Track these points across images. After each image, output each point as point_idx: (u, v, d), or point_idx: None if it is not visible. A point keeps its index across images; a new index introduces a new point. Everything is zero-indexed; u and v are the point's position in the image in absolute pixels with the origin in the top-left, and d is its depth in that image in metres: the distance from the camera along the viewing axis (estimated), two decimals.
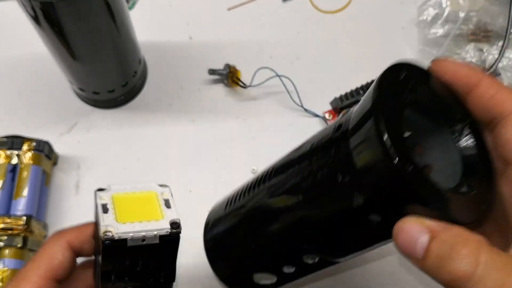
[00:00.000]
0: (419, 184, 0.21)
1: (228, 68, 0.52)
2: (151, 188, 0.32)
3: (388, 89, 0.24)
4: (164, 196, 0.31)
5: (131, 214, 0.28)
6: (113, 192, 0.30)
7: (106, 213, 0.28)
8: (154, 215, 0.29)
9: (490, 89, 0.24)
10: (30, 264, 0.29)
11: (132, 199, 0.30)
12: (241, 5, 0.58)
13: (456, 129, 0.26)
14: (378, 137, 0.22)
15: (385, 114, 0.22)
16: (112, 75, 0.48)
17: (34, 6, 0.36)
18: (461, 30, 0.55)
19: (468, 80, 0.25)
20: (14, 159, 0.45)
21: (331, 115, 0.52)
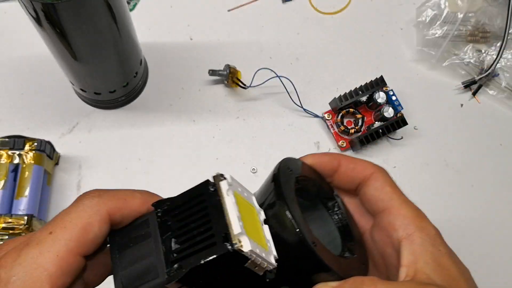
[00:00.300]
0: (323, 255, 0.26)
1: (228, 68, 0.52)
2: (253, 202, 0.27)
3: (283, 183, 0.28)
4: (261, 219, 0.26)
5: (250, 230, 0.24)
6: (234, 189, 0.25)
7: (237, 215, 0.23)
8: (261, 241, 0.25)
9: (349, 164, 0.31)
10: (59, 231, 0.23)
11: (246, 208, 0.25)
12: (241, 6, 0.58)
13: (329, 206, 0.32)
14: (291, 225, 0.25)
15: (287, 202, 0.26)
16: (113, 75, 0.48)
17: (36, 7, 0.36)
18: (460, 31, 0.55)
19: (331, 165, 0.31)
20: (16, 159, 0.45)
21: (330, 115, 0.53)
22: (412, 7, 0.58)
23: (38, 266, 0.22)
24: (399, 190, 0.30)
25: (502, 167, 0.53)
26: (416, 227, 0.27)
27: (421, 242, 0.26)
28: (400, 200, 0.29)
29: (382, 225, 0.29)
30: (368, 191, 0.30)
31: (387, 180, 0.30)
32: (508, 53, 0.55)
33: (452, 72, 0.56)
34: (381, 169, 0.31)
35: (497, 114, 0.55)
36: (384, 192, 0.29)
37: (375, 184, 0.30)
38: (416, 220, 0.28)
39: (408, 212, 0.28)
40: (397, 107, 0.51)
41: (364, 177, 0.30)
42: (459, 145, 0.53)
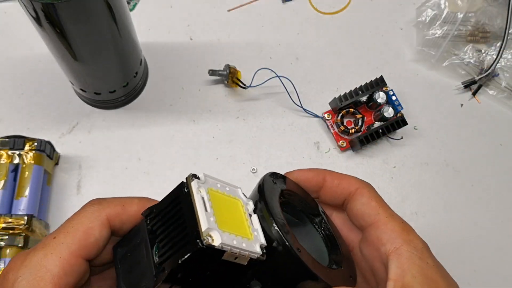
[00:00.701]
0: (309, 262, 0.26)
1: (228, 68, 0.52)
2: (237, 194, 0.29)
3: (268, 193, 0.29)
4: (249, 210, 0.28)
5: (227, 222, 0.25)
6: (209, 186, 0.27)
7: (207, 211, 0.24)
8: (244, 231, 0.26)
9: (334, 180, 0.32)
10: (62, 235, 0.25)
11: (225, 202, 0.27)
12: (241, 6, 0.58)
13: (316, 221, 0.33)
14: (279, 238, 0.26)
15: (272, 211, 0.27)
16: (113, 75, 0.48)
17: (36, 7, 0.36)
18: (460, 31, 0.55)
19: (316, 181, 0.32)
20: (16, 159, 0.45)
21: (330, 115, 0.53)
22: (412, 7, 0.58)
23: (42, 267, 0.23)
24: (385, 204, 0.30)
25: (502, 167, 0.53)
26: (403, 240, 0.27)
27: (408, 256, 0.27)
28: (387, 214, 0.29)
29: (370, 240, 0.29)
30: (355, 206, 0.31)
31: (373, 194, 0.31)
32: (508, 53, 0.55)
33: (452, 72, 0.56)
34: (367, 184, 0.31)
35: (497, 114, 0.55)
36: (370, 207, 0.30)
37: (361, 200, 0.30)
38: (403, 233, 0.28)
39: (395, 225, 0.28)
40: (397, 107, 0.51)
41: (350, 192, 0.31)
42: (459, 145, 0.53)
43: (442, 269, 0.27)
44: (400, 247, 0.27)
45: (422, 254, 0.27)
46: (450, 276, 0.27)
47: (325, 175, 0.32)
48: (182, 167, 0.50)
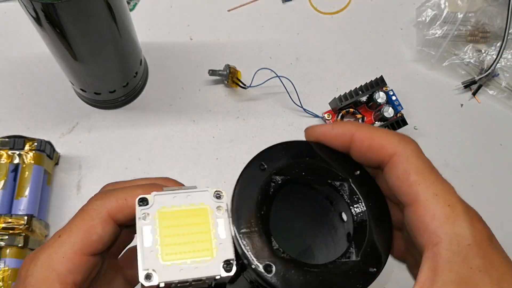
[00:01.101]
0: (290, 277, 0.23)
1: (228, 68, 0.52)
2: (204, 199, 0.26)
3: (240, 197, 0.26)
4: (219, 214, 0.25)
5: (179, 245, 0.23)
6: (159, 207, 0.24)
7: (148, 246, 0.23)
8: (206, 247, 0.24)
9: (364, 140, 0.25)
10: (66, 235, 0.25)
11: (181, 218, 0.24)
12: (241, 6, 0.58)
13: (335, 197, 0.27)
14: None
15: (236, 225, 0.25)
16: (113, 75, 0.48)
17: (36, 7, 0.36)
18: (460, 31, 0.55)
19: (343, 139, 0.26)
20: (16, 159, 0.45)
21: (330, 115, 0.53)
22: (412, 7, 0.58)
23: (48, 266, 0.24)
24: (429, 177, 0.23)
25: (502, 167, 0.53)
26: (445, 234, 0.21)
27: (447, 257, 0.21)
28: (428, 194, 0.23)
29: (408, 224, 0.23)
30: (389, 178, 0.24)
31: (412, 164, 0.24)
32: (508, 53, 0.55)
33: (452, 72, 0.56)
34: (406, 147, 0.24)
35: (497, 114, 0.55)
36: (407, 184, 0.23)
37: (396, 172, 0.24)
38: (446, 223, 0.22)
39: (438, 211, 0.22)
40: (397, 107, 0.51)
41: (383, 159, 0.24)
42: (459, 145, 0.53)
43: (493, 271, 0.21)
44: (438, 243, 0.21)
45: (467, 254, 0.21)
46: (502, 282, 0.21)
47: (353, 133, 0.25)
48: (182, 167, 0.50)
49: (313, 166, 0.26)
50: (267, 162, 0.26)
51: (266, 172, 0.26)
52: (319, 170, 0.26)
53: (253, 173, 0.26)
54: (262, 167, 0.26)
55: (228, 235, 0.24)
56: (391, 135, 0.25)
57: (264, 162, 0.26)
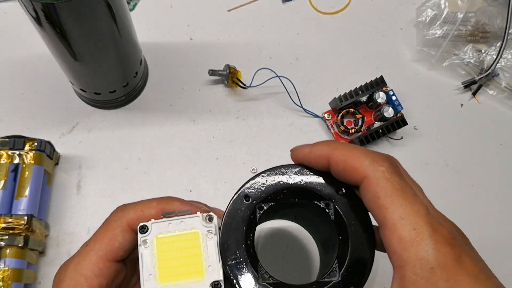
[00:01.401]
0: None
1: (228, 68, 0.52)
2: (195, 224, 0.29)
3: (228, 228, 0.28)
4: (209, 237, 0.28)
5: (174, 268, 0.27)
6: (156, 233, 0.28)
7: (148, 269, 0.27)
8: (197, 270, 0.27)
9: (339, 163, 0.26)
10: (92, 243, 0.29)
11: (176, 243, 0.28)
12: (241, 6, 0.58)
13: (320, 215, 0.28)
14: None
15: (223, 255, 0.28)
16: (113, 75, 0.48)
17: (36, 7, 0.36)
18: (460, 31, 0.55)
19: (321, 161, 0.27)
20: (16, 159, 0.45)
21: (330, 115, 0.53)
22: (412, 7, 0.58)
23: (77, 272, 0.28)
24: (398, 199, 0.24)
25: (502, 167, 0.53)
26: (409, 257, 0.22)
27: (412, 279, 0.22)
28: (395, 217, 0.23)
29: (383, 243, 0.24)
30: (364, 201, 0.25)
31: (381, 187, 0.24)
32: (508, 53, 0.55)
33: (452, 72, 0.56)
34: (376, 169, 0.25)
35: (497, 114, 0.55)
36: (377, 207, 0.24)
37: (367, 195, 0.25)
38: (411, 246, 0.22)
39: (404, 233, 0.23)
40: (397, 107, 0.51)
41: (357, 181, 0.25)
42: (459, 145, 0.53)
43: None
44: (403, 266, 0.22)
45: (430, 277, 0.22)
46: None
47: (329, 154, 0.26)
48: (182, 167, 0.50)
49: (297, 189, 0.27)
50: (252, 192, 0.28)
51: (251, 203, 0.28)
52: (303, 192, 0.27)
53: (238, 204, 0.28)
54: (247, 199, 0.28)
55: (218, 257, 0.27)
56: (364, 156, 0.25)
57: (249, 193, 0.28)
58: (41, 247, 0.45)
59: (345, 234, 0.27)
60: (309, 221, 0.31)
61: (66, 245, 0.47)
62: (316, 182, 0.28)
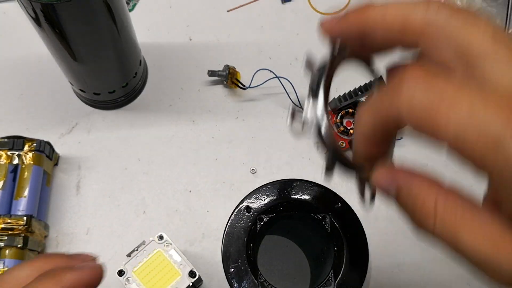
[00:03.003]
0: None
1: (227, 69, 0.52)
2: (154, 246, 0.38)
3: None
4: (168, 249, 0.38)
5: (158, 282, 0.36)
6: (132, 269, 0.37)
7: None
8: (174, 273, 0.37)
9: (378, 14, 0.21)
10: None
11: (149, 267, 0.37)
12: (241, 7, 0.58)
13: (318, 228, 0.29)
14: None
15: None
16: (113, 76, 0.48)
17: (35, 8, 0.36)
18: None
19: (357, 29, 0.22)
20: (15, 159, 0.45)
21: (329, 115, 0.53)
22: None
23: None
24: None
25: None
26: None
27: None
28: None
29: None
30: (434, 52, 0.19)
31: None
32: None
33: None
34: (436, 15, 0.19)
35: None
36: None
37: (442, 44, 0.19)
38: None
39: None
40: None
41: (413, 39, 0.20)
42: None
43: None
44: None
45: None
46: None
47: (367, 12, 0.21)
48: (182, 167, 0.50)
49: (296, 203, 0.28)
50: (253, 204, 0.30)
51: (252, 214, 0.30)
52: (302, 205, 0.29)
53: (240, 215, 0.30)
54: (248, 210, 0.30)
55: (181, 257, 0.37)
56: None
57: (250, 205, 0.30)
58: (40, 247, 0.45)
59: (341, 245, 0.29)
60: (304, 235, 0.32)
61: (65, 246, 0.47)
62: (313, 197, 0.29)
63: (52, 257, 0.24)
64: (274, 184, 0.30)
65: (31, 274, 0.23)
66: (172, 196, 0.49)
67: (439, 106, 0.16)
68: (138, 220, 0.48)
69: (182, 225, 0.48)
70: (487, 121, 0.15)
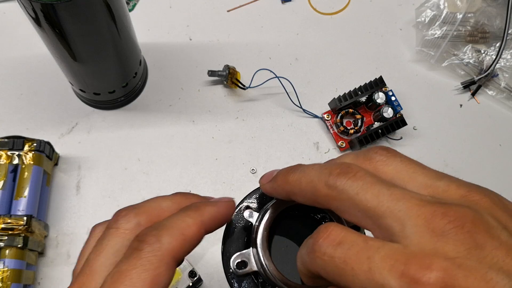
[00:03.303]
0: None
1: (227, 69, 0.52)
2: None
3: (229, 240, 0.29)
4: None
5: None
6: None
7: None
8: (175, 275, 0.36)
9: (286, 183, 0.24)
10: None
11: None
12: (241, 7, 0.58)
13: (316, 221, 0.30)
14: None
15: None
16: (113, 76, 0.48)
17: (35, 8, 0.36)
18: (459, 31, 0.55)
19: (281, 193, 0.25)
20: (15, 159, 0.45)
21: (329, 115, 0.53)
22: (411, 7, 0.58)
23: None
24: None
25: (501, 167, 0.53)
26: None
27: None
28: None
29: None
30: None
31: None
32: (507, 53, 0.55)
33: (451, 72, 0.56)
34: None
35: (496, 114, 0.55)
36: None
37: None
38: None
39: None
40: (396, 108, 0.51)
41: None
42: (459, 146, 0.53)
43: None
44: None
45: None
46: None
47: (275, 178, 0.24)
48: (182, 167, 0.50)
49: (295, 202, 0.28)
50: (253, 204, 0.29)
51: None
52: (301, 205, 0.29)
53: (240, 215, 0.29)
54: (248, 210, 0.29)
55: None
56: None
57: (250, 205, 0.29)
58: (40, 247, 0.45)
59: None
60: (303, 235, 0.32)
61: (65, 246, 0.47)
62: None
63: (189, 195, 0.26)
64: None
65: (172, 206, 0.24)
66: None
67: (346, 262, 0.18)
68: None
69: None
70: (385, 280, 0.17)
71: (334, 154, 0.52)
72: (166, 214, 0.23)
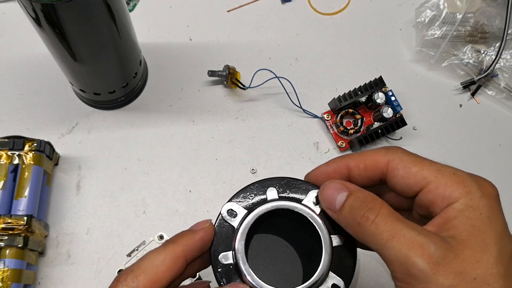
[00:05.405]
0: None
1: (227, 69, 0.52)
2: (155, 246, 0.37)
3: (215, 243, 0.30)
4: None
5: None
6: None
7: None
8: None
9: (359, 165, 0.29)
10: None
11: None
12: (241, 7, 0.58)
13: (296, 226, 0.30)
14: None
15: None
16: (113, 76, 0.48)
17: (35, 8, 0.36)
18: (459, 31, 0.56)
19: (340, 171, 0.29)
20: (16, 159, 0.45)
21: (329, 115, 0.53)
22: (411, 7, 0.58)
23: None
24: (425, 161, 0.28)
25: (501, 167, 0.53)
26: (460, 193, 0.25)
27: (460, 208, 0.25)
28: (433, 172, 0.27)
29: (424, 205, 0.27)
30: (396, 181, 0.28)
31: (407, 161, 0.28)
32: (507, 53, 0.55)
33: (451, 72, 0.56)
34: (394, 152, 0.28)
35: (496, 114, 0.55)
36: (412, 176, 0.27)
37: (398, 173, 0.27)
38: (458, 187, 0.25)
39: (447, 180, 0.26)
40: (396, 108, 0.51)
41: (382, 170, 0.28)
42: (458, 146, 0.53)
43: (496, 223, 0.25)
44: (454, 202, 0.25)
45: (478, 204, 0.25)
46: (506, 231, 0.25)
47: (347, 163, 0.29)
48: (182, 167, 0.51)
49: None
50: (241, 203, 0.30)
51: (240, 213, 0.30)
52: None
53: (225, 216, 0.30)
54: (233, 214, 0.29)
55: None
56: (378, 150, 0.28)
57: (233, 207, 0.30)
58: (40, 247, 0.46)
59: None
60: (293, 233, 0.32)
61: (65, 246, 0.47)
62: (300, 194, 0.30)
63: (178, 238, 0.29)
64: (262, 183, 0.30)
65: (165, 259, 0.28)
66: (172, 196, 0.49)
67: None
68: (138, 220, 0.48)
69: (182, 225, 0.48)
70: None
71: (334, 154, 0.52)
72: (162, 269, 0.27)
